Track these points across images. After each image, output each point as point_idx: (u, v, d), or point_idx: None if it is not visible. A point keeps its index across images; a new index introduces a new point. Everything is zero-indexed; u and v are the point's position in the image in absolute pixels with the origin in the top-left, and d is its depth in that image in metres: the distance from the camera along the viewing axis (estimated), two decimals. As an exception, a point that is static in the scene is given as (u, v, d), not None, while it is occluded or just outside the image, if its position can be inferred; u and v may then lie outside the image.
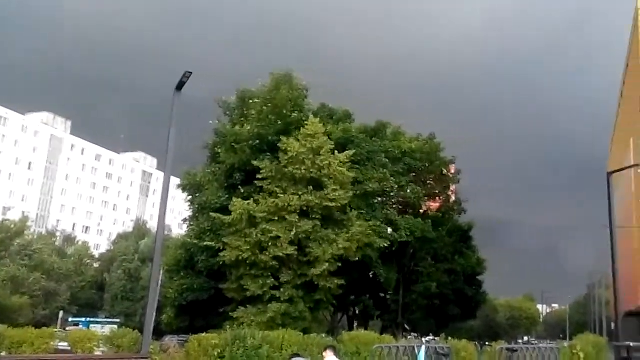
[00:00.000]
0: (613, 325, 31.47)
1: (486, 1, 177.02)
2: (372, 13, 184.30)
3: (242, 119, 33.10)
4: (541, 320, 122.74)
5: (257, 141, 31.25)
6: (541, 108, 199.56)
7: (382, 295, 37.49)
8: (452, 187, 43.69)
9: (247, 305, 27.87)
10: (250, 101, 33.38)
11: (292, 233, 27.45)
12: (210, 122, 34.76)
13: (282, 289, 27.66)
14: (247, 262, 27.74)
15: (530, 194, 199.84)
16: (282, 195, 28.13)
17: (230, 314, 28.29)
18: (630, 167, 27.47)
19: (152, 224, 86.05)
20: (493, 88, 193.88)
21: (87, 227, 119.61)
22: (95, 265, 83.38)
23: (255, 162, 29.70)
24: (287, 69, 33.60)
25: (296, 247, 27.72)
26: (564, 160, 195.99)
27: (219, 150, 32.88)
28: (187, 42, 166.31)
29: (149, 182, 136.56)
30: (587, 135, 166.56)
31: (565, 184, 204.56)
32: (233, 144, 31.94)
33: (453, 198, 43.73)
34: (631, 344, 15.30)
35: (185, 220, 37.57)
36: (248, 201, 28.44)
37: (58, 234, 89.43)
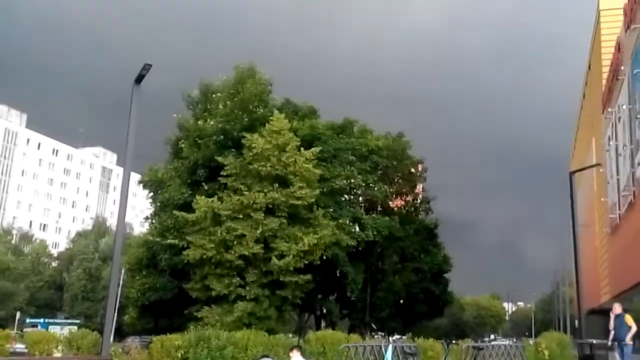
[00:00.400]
0: (577, 322, 32.16)
1: (450, 1, 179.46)
2: (336, 9, 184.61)
3: (206, 113, 32.32)
4: (507, 318, 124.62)
5: (222, 136, 30.57)
6: (505, 107, 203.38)
7: (349, 294, 37.28)
8: (419, 186, 43.88)
9: (212, 305, 27.31)
10: (214, 95, 32.65)
11: (258, 231, 26.93)
12: (174, 115, 33.66)
13: (247, 288, 27.14)
14: (212, 261, 27.14)
15: (494, 192, 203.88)
16: (247, 193, 27.53)
17: (195, 314, 27.68)
18: (591, 166, 27.91)
19: (113, 222, 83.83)
20: (455, 86, 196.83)
21: (44, 225, 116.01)
22: (54, 264, 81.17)
23: (219, 158, 29.03)
24: (250, 62, 33.02)
25: (262, 246, 27.21)
26: (528, 158, 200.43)
27: (182, 146, 32.03)
28: (146, 35, 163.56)
29: (109, 179, 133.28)
30: (552, 133, 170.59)
31: (529, 181, 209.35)
32: (197, 139, 31.18)
33: (420, 197, 43.94)
34: (594, 341, 15.53)
35: (147, 218, 36.49)
36: (212, 198, 27.79)
37: (14, 231, 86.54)
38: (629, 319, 15.25)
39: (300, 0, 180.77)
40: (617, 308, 15.55)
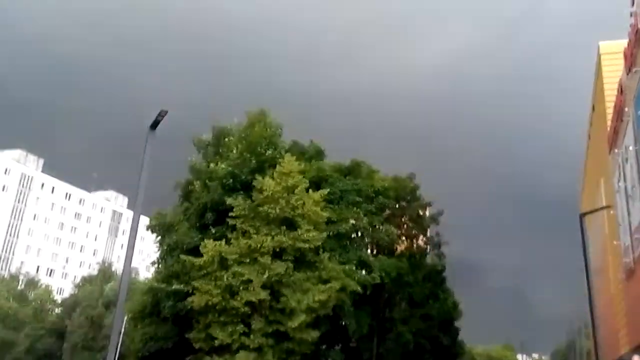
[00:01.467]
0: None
1: (457, 41, 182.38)
2: (344, 51, 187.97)
3: (217, 156, 32.83)
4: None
5: (231, 180, 30.87)
6: (516, 147, 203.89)
7: (354, 344, 36.13)
8: (429, 230, 43.32)
9: (214, 355, 26.69)
10: (226, 139, 33.16)
11: (265, 276, 26.60)
12: (188, 158, 33.98)
13: (252, 336, 26.53)
14: (217, 307, 26.66)
15: (506, 235, 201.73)
16: (254, 236, 27.48)
17: (196, 365, 27.01)
18: (602, 208, 27.36)
19: (120, 266, 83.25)
20: (464, 128, 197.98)
21: (51, 270, 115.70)
22: (57, 310, 79.42)
23: (228, 200, 29.15)
24: (261, 109, 33.62)
25: (269, 292, 26.81)
26: (539, 199, 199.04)
27: (192, 189, 32.27)
28: (162, 79, 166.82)
29: (119, 222, 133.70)
30: (563, 174, 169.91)
31: (541, 224, 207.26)
32: (207, 182, 31.44)
33: (429, 240, 43.37)
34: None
35: (153, 262, 36.07)
36: (219, 242, 27.67)
37: (21, 277, 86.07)
38: None
39: (310, 43, 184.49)
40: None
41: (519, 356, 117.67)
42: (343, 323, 33.56)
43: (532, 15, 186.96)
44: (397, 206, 37.70)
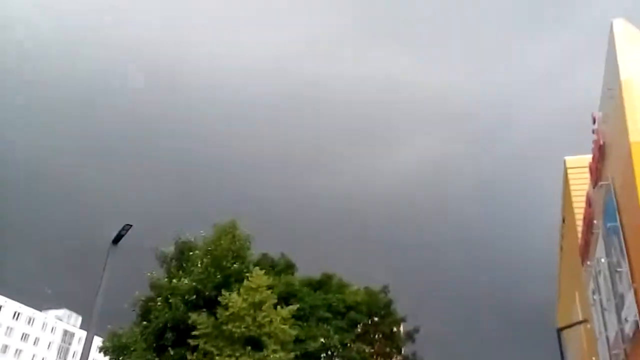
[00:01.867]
0: None
1: (430, 151, 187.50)
2: (315, 159, 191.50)
3: (180, 271, 31.74)
4: None
5: (194, 296, 29.83)
6: (491, 259, 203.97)
7: None
8: (404, 348, 41.77)
9: None
10: (190, 253, 32.34)
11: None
12: (148, 273, 32.70)
13: None
14: None
15: (485, 350, 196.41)
16: (217, 357, 26.06)
17: None
18: (578, 323, 26.82)
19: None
20: (440, 237, 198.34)
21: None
22: None
23: (192, 316, 27.99)
24: (231, 220, 33.17)
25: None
26: (517, 310, 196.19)
27: (152, 306, 30.85)
28: (119, 192, 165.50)
29: (69, 344, 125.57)
30: (540, 285, 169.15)
31: (520, 336, 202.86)
32: (168, 298, 30.24)
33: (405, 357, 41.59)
34: None
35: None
36: None
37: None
38: None
39: (281, 151, 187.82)
40: None
41: None
42: None
43: (502, 126, 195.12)
44: (369, 322, 36.51)
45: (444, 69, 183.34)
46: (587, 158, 20.58)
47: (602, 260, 25.47)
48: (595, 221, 25.54)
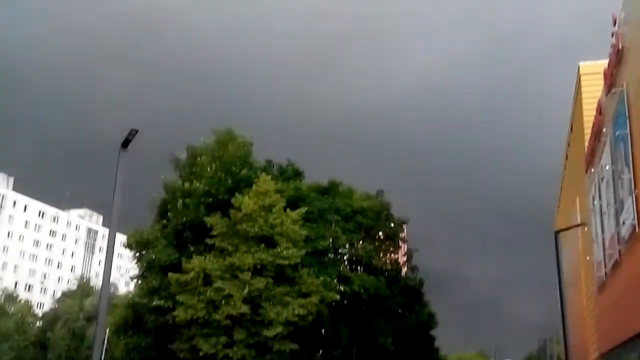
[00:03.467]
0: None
1: (440, 57, 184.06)
2: (317, 67, 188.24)
3: (192, 175, 32.96)
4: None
5: (210, 199, 31.29)
6: (492, 162, 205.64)
7: (334, 353, 36.68)
8: (404, 246, 43.93)
9: (198, 366, 27.08)
10: (199, 158, 33.43)
11: (245, 291, 27.27)
12: (162, 176, 34.16)
13: (234, 348, 27.23)
14: (199, 321, 27.30)
15: (480, 247, 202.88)
16: (235, 253, 27.85)
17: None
18: (575, 226, 27.93)
19: (98, 282, 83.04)
20: (445, 142, 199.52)
21: (30, 286, 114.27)
22: (38, 324, 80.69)
23: (207, 219, 29.53)
24: (227, 128, 33.91)
25: (249, 306, 27.46)
26: (514, 214, 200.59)
27: (169, 207, 32.47)
28: (129, 97, 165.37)
29: (95, 240, 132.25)
30: (539, 190, 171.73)
31: (516, 237, 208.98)
32: (184, 201, 31.76)
33: (404, 257, 43.95)
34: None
35: (132, 278, 36.37)
36: (202, 258, 28.29)
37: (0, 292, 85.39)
38: None
39: (284, 56, 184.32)
40: None
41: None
42: (323, 331, 34.00)
43: (519, 33, 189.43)
44: (373, 225, 38.01)
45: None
46: (603, 64, 20.47)
47: (607, 167, 26.21)
48: (604, 129, 25.98)
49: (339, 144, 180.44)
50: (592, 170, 29.52)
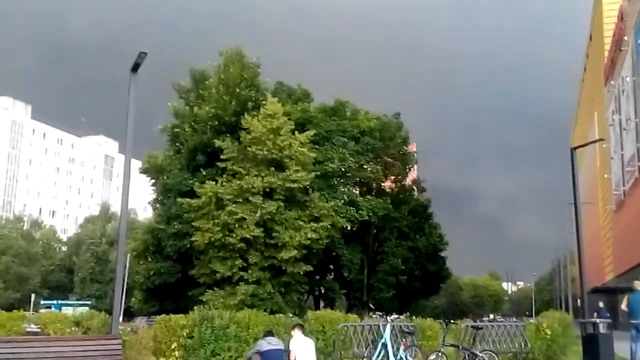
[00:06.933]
0: (579, 301, 31.74)
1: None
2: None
3: (199, 100, 32.57)
4: (507, 298, 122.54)
5: (217, 122, 31.08)
6: (509, 76, 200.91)
7: (346, 275, 37.55)
8: (412, 166, 43.75)
9: (215, 288, 27.88)
10: (206, 82, 32.89)
11: (257, 214, 27.36)
12: (168, 104, 33.99)
13: (249, 270, 27.73)
14: (216, 244, 27.69)
15: (494, 164, 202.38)
16: (245, 176, 27.93)
17: (199, 297, 28.14)
18: (594, 141, 27.08)
19: (117, 207, 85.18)
20: (457, 47, 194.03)
21: (53, 211, 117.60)
22: (64, 248, 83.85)
23: (217, 142, 29.49)
24: (236, 46, 33.03)
25: (262, 229, 27.70)
26: (529, 131, 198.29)
27: (179, 132, 32.45)
28: (139, 26, 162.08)
29: (112, 166, 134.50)
30: (555, 106, 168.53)
31: (530, 154, 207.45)
32: (193, 125, 31.64)
33: (414, 177, 43.83)
34: (597, 320, 15.17)
35: (150, 202, 37.18)
36: (214, 183, 28.30)
37: (25, 218, 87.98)
38: None
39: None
40: (638, 286, 15.02)
41: (504, 284, 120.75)
42: (335, 254, 34.69)
43: None
44: (382, 145, 37.64)
45: None
46: (626, -31, 19.04)
47: (628, 78, 25.19)
48: (625, 37, 24.74)
49: (346, 57, 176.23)
50: (612, 82, 28.39)
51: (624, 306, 15.10)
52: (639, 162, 29.17)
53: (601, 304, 28.94)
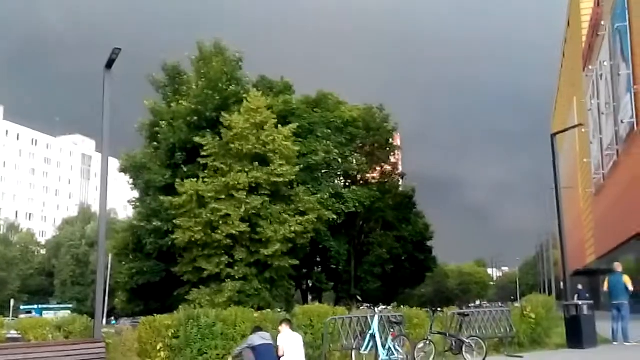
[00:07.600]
0: (562, 284, 32.21)
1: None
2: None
3: (177, 95, 31.96)
4: (492, 284, 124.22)
5: (195, 118, 30.50)
6: (490, 63, 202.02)
7: (334, 267, 37.51)
8: (396, 155, 43.78)
9: (201, 287, 27.54)
10: (184, 76, 32.32)
11: (242, 210, 27.11)
12: (145, 101, 33.09)
13: (236, 267, 27.44)
14: (199, 243, 27.33)
15: (477, 153, 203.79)
16: (230, 173, 27.59)
17: (185, 297, 27.65)
18: (573, 127, 27.38)
19: (96, 207, 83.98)
20: (438, 35, 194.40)
21: (30, 214, 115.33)
22: (42, 251, 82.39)
23: (196, 139, 28.95)
24: (216, 39, 32.53)
25: (247, 225, 27.42)
26: (510, 118, 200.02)
27: (158, 130, 31.72)
28: (115, 19, 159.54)
29: (90, 165, 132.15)
30: (535, 93, 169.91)
31: (512, 142, 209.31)
32: (171, 122, 31.04)
33: (399, 168, 43.87)
34: (580, 302, 15.47)
35: (130, 201, 36.43)
36: (195, 180, 27.86)
37: (1, 222, 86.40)
38: (627, 279, 14.92)
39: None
40: (618, 267, 15.37)
41: (489, 270, 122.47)
42: (322, 247, 34.56)
43: None
44: (365, 135, 37.54)
45: None
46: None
47: (605, 63, 25.34)
48: (602, 22, 24.88)
49: (331, 48, 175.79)
50: (590, 67, 28.57)
51: (605, 287, 15.41)
52: (617, 146, 29.52)
53: (580, 286, 29.41)
